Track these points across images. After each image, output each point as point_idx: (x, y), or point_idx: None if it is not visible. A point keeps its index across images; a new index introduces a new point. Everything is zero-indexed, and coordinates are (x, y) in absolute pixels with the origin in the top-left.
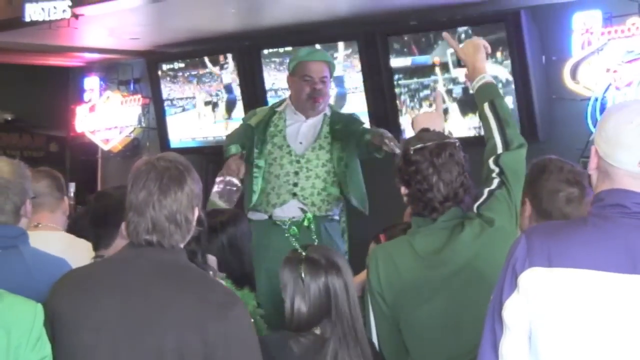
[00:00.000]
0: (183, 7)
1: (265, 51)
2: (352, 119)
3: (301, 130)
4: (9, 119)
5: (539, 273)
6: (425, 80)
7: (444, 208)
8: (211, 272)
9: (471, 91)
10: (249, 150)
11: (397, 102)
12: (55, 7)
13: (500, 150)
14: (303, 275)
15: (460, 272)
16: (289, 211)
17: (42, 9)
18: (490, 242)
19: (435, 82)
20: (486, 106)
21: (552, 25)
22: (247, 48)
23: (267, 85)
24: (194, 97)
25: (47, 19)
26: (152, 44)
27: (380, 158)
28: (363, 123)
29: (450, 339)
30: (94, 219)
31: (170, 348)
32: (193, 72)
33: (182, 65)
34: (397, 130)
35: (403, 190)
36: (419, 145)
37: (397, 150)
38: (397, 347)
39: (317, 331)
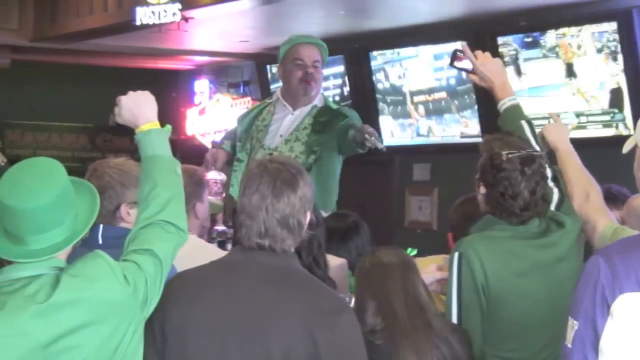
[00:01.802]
0: (292, 9)
1: (374, 53)
2: (338, 112)
3: (284, 122)
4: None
5: (633, 299)
6: None
7: (523, 216)
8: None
9: (501, 108)
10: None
11: None
12: (165, 11)
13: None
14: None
15: (563, 259)
16: None
17: (153, 12)
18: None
19: None
20: (524, 124)
21: None
22: (356, 50)
23: (377, 88)
24: None
25: (157, 22)
26: (261, 47)
27: (364, 153)
28: (348, 117)
29: (548, 328)
30: None
31: (277, 353)
32: None
33: None
34: None
35: (482, 189)
36: (512, 153)
37: (380, 145)
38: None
39: None
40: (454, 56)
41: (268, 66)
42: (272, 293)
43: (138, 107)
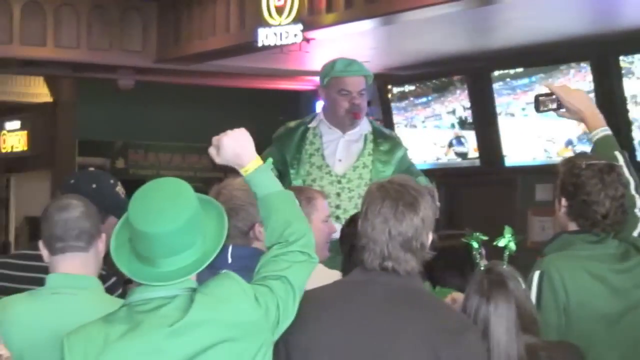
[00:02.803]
0: (413, 29)
1: (496, 73)
2: (393, 140)
3: (339, 146)
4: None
5: None
6: None
7: (604, 225)
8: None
9: (593, 138)
10: (285, 171)
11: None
12: (287, 32)
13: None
14: None
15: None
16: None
17: (275, 33)
18: None
19: None
20: (617, 154)
21: None
22: (478, 70)
23: (498, 109)
24: (423, 120)
25: (279, 43)
26: (382, 67)
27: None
28: (403, 146)
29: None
30: None
31: None
32: (423, 95)
33: (412, 88)
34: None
35: (564, 202)
36: (591, 162)
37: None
38: None
39: None
40: (537, 102)
41: (389, 86)
42: (396, 313)
43: (241, 146)
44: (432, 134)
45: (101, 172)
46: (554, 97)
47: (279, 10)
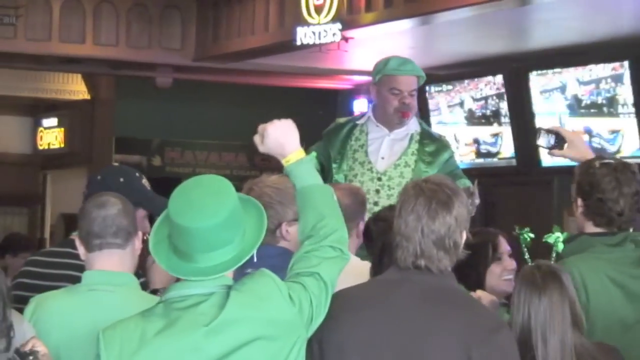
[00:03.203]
0: (451, 30)
1: (534, 73)
2: (441, 142)
3: (384, 144)
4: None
5: None
6: None
7: (620, 222)
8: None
9: None
10: (328, 166)
11: None
12: (326, 31)
13: None
14: None
15: None
16: None
17: (313, 32)
18: None
19: None
20: None
21: None
22: (515, 70)
23: (536, 109)
24: (457, 122)
25: (317, 42)
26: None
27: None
28: (450, 149)
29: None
30: None
31: None
32: (460, 95)
33: (449, 87)
34: None
35: (580, 202)
36: (605, 161)
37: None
38: None
39: None
40: (539, 134)
41: (427, 86)
42: (429, 311)
43: (284, 136)
44: (467, 133)
45: (126, 167)
46: (554, 135)
47: (318, 9)
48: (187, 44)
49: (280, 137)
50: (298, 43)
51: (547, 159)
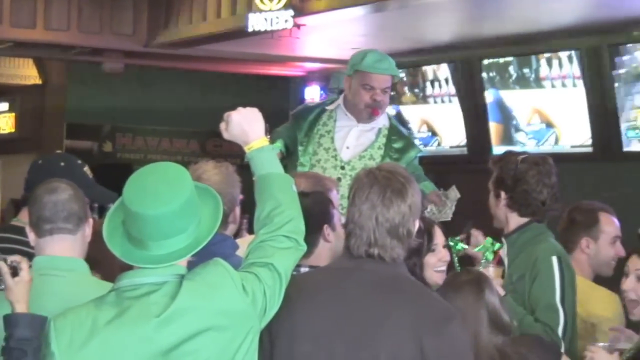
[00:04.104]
0: (404, 17)
1: (486, 62)
2: (409, 140)
3: (351, 134)
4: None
5: None
6: None
7: (543, 211)
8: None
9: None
10: (294, 148)
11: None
12: (277, 17)
13: None
14: None
15: None
16: None
17: (265, 19)
18: None
19: None
20: None
21: None
22: (466, 58)
23: (487, 98)
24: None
25: (269, 29)
26: None
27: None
28: (418, 148)
29: None
30: None
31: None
32: (414, 83)
33: (401, 75)
34: None
35: (503, 195)
36: (523, 156)
37: (442, 218)
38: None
39: None
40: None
41: None
42: (381, 300)
43: (248, 124)
44: (419, 122)
45: (67, 154)
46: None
47: None
48: (139, 29)
49: (244, 124)
50: (250, 30)
51: (499, 148)
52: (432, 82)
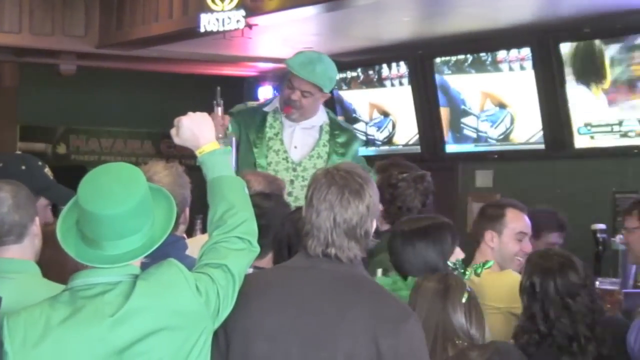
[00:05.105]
0: (357, 16)
1: (438, 59)
2: (350, 132)
3: (295, 133)
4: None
5: None
6: None
7: None
8: None
9: None
10: (244, 147)
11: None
12: (229, 18)
13: None
14: None
15: None
16: None
17: (217, 19)
18: None
19: None
20: None
21: None
22: (420, 56)
23: (440, 95)
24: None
25: (221, 29)
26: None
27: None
28: (360, 140)
29: None
30: None
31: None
32: (366, 81)
33: (354, 74)
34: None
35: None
36: (405, 173)
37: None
38: None
39: None
40: None
41: None
42: (338, 300)
43: (199, 128)
44: (372, 121)
45: (28, 155)
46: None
47: None
48: (91, 31)
49: (195, 128)
50: (202, 30)
51: (452, 146)
52: (386, 80)
